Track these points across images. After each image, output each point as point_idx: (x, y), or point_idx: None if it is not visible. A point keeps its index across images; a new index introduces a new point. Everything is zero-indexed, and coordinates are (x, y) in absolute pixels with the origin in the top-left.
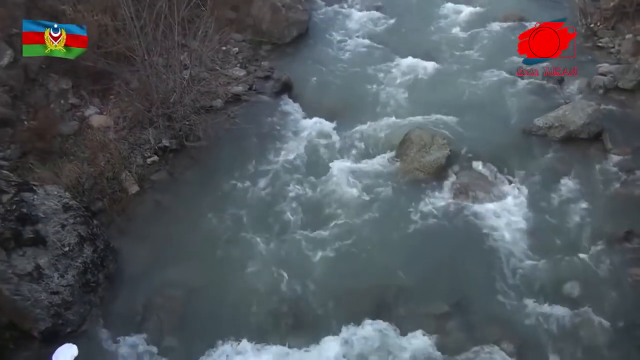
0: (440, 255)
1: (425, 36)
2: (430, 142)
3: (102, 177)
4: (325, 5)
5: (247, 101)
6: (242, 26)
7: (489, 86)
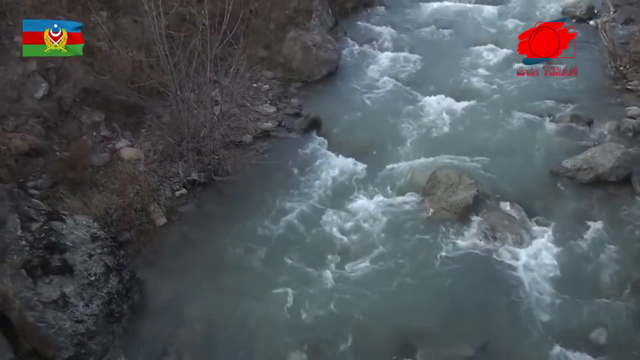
0: (465, 297)
1: (454, 77)
2: (457, 182)
3: (131, 208)
4: (355, 45)
5: (275, 137)
6: (273, 64)
7: (517, 127)
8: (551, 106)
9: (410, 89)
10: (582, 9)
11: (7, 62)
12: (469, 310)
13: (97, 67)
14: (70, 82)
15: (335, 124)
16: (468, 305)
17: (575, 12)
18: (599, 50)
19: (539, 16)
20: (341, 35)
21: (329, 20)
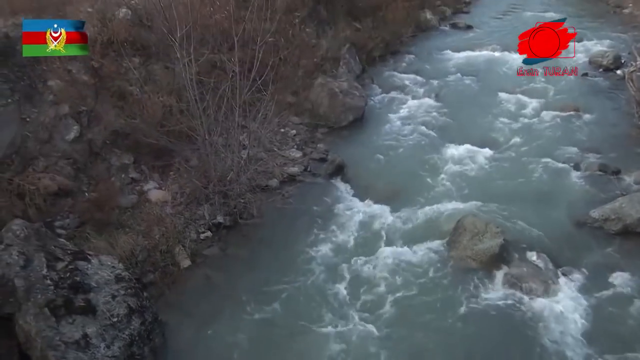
0: (490, 348)
1: (480, 124)
2: (483, 230)
3: (156, 250)
4: (381, 92)
5: (301, 182)
6: (301, 110)
7: (544, 175)
8: (578, 154)
9: (435, 135)
10: (608, 58)
11: (41, 105)
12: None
13: (127, 110)
14: (101, 125)
15: (360, 170)
16: (493, 356)
17: (602, 62)
18: (625, 99)
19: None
20: (368, 83)
21: (356, 67)
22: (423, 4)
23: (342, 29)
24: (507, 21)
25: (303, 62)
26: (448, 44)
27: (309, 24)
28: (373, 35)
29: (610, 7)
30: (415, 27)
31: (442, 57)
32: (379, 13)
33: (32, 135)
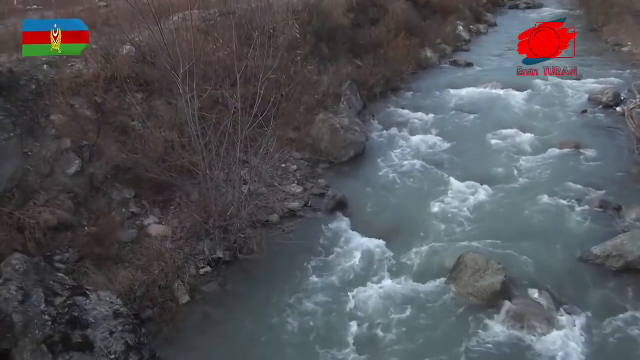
0: None
1: (481, 161)
2: (485, 267)
3: (155, 285)
4: (382, 128)
5: (302, 217)
6: (302, 145)
7: (545, 212)
8: (579, 191)
9: (437, 171)
10: (608, 95)
11: (43, 140)
12: None
13: (130, 145)
14: (103, 160)
15: (361, 205)
16: None
17: (601, 99)
18: (626, 136)
19: (566, 102)
20: (369, 119)
21: (357, 104)
22: (423, 43)
23: (344, 66)
24: (506, 59)
25: (305, 99)
26: (449, 81)
27: (311, 61)
28: (374, 72)
29: (610, 46)
30: (416, 65)
31: (442, 94)
32: (380, 51)
33: (34, 169)
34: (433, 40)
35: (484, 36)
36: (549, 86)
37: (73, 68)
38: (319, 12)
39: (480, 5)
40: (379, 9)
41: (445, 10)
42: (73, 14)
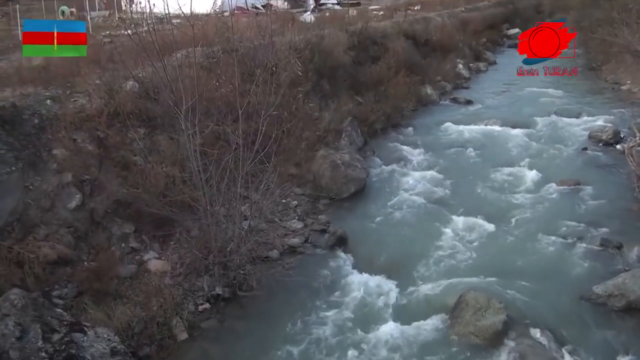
0: None
1: (481, 197)
2: (486, 306)
3: (153, 322)
4: (383, 164)
5: (302, 253)
6: (303, 181)
7: (546, 250)
8: (580, 229)
9: (437, 208)
10: (608, 133)
11: (44, 173)
12: None
13: (131, 180)
14: (103, 194)
15: (361, 242)
16: None
17: (601, 136)
18: (626, 174)
19: (566, 139)
20: (370, 155)
21: (358, 140)
22: (424, 80)
23: (345, 102)
24: (506, 97)
25: (306, 134)
26: (448, 118)
27: (312, 98)
28: (375, 108)
29: (609, 84)
30: (417, 102)
31: (443, 131)
32: (381, 87)
33: (34, 203)
34: (433, 77)
35: (484, 74)
36: (549, 123)
37: (76, 103)
38: (321, 50)
39: (479, 44)
40: (380, 47)
41: (445, 49)
42: None
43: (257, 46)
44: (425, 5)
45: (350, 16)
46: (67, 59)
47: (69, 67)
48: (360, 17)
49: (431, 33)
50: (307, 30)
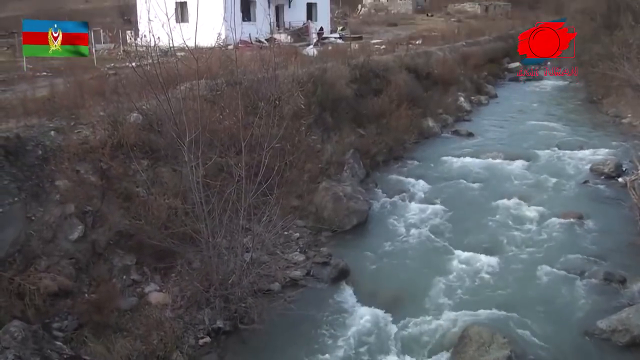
0: None
1: (484, 231)
2: (489, 341)
3: (153, 355)
4: (385, 197)
5: (304, 286)
6: (305, 213)
7: (549, 284)
8: (583, 263)
9: (439, 241)
10: (610, 166)
11: (47, 205)
12: None
13: (133, 212)
14: (105, 226)
15: (364, 274)
16: None
17: (603, 169)
18: (628, 207)
19: (568, 172)
20: (372, 187)
21: (360, 172)
22: (425, 112)
23: (347, 134)
24: (507, 130)
25: (308, 166)
26: (450, 150)
27: (314, 130)
28: (377, 141)
29: (610, 117)
30: (418, 134)
31: (444, 163)
32: (383, 120)
33: (36, 234)
34: (435, 110)
35: (485, 107)
36: (551, 156)
37: (80, 134)
38: (323, 83)
39: (480, 77)
40: (382, 79)
41: (446, 82)
42: (82, 81)
43: (260, 79)
44: (426, 39)
45: (353, 50)
46: (72, 91)
47: (73, 99)
48: (362, 50)
49: (432, 67)
50: (310, 63)
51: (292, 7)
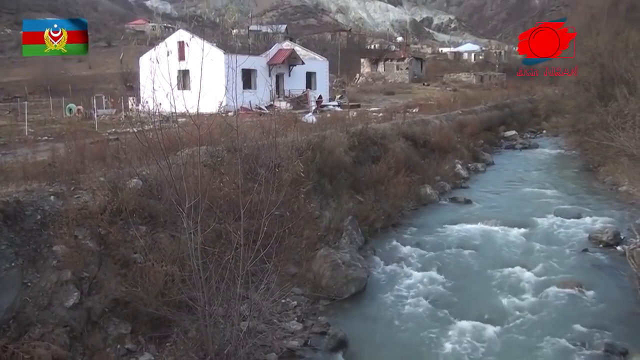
0: None
1: (483, 300)
2: None
3: None
4: (383, 264)
5: (301, 357)
6: (303, 281)
7: (549, 355)
8: (583, 333)
9: (439, 310)
10: (608, 234)
11: (43, 270)
12: None
13: (130, 278)
14: (102, 293)
15: (362, 345)
16: None
17: (601, 238)
18: (628, 276)
19: (566, 240)
20: (370, 254)
21: (358, 239)
22: (423, 179)
23: (345, 201)
24: (504, 197)
25: (307, 233)
26: (448, 217)
27: (313, 197)
28: (375, 207)
29: (607, 185)
30: (416, 201)
31: (442, 231)
32: (381, 187)
33: (32, 301)
34: (432, 177)
35: (482, 174)
36: (549, 223)
37: (79, 199)
38: (322, 150)
39: (477, 145)
40: (380, 147)
41: (443, 149)
42: (83, 146)
43: (260, 146)
44: (423, 107)
45: (351, 117)
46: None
47: (74, 164)
48: (360, 118)
49: (429, 134)
50: (309, 130)
51: (291, 75)
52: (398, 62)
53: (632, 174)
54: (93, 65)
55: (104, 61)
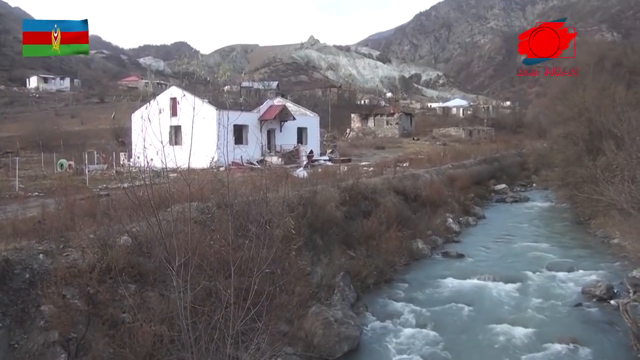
0: None
1: (477, 358)
2: None
3: None
4: (376, 321)
5: None
6: (295, 339)
7: None
8: None
9: None
10: (601, 288)
11: (31, 331)
12: None
13: (118, 339)
14: (89, 355)
15: None
16: None
17: (595, 292)
18: (622, 331)
19: (559, 295)
20: (362, 311)
21: (350, 295)
22: (415, 234)
23: (337, 256)
24: (496, 251)
25: (298, 290)
26: (440, 272)
27: (304, 252)
28: (367, 263)
29: (598, 238)
30: (408, 256)
31: (435, 286)
32: (373, 242)
33: None
34: (424, 231)
35: (473, 228)
36: (541, 278)
37: (68, 257)
38: (313, 205)
39: (467, 199)
40: (371, 201)
41: (434, 203)
42: (73, 203)
43: (251, 202)
44: (413, 162)
45: (342, 172)
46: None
47: (63, 221)
48: (351, 173)
49: (420, 188)
50: (300, 185)
51: (283, 131)
52: (388, 117)
53: (623, 227)
54: (85, 121)
55: (97, 117)
